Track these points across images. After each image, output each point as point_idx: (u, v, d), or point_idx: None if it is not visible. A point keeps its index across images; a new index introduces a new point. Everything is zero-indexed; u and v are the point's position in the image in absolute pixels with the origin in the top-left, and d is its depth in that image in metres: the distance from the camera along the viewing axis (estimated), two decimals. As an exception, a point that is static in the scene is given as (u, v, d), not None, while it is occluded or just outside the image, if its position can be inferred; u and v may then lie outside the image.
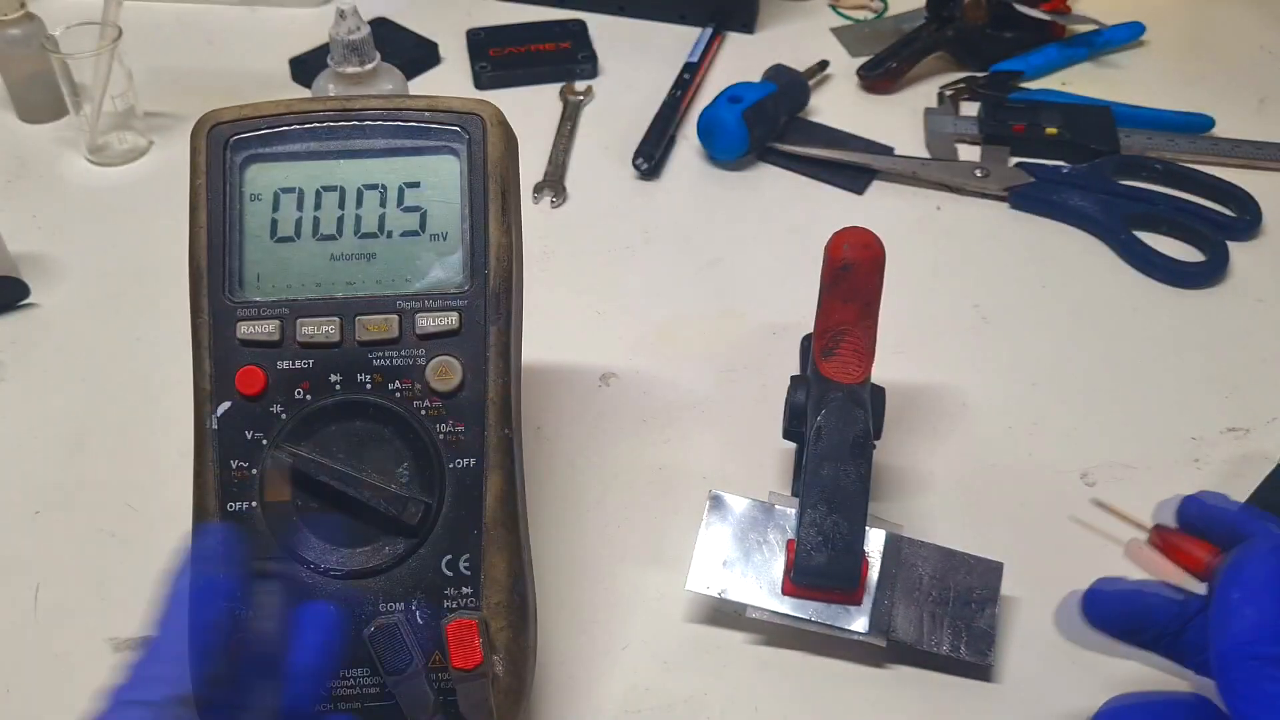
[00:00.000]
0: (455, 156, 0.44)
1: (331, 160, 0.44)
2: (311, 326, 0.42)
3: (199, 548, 0.39)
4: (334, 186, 0.44)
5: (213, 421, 0.41)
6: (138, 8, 0.87)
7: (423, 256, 0.43)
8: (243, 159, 0.44)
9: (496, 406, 0.42)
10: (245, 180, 0.44)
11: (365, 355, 0.42)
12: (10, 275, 0.66)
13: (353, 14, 0.68)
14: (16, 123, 0.80)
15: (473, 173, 0.44)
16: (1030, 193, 0.74)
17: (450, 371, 0.42)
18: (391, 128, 0.44)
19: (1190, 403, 0.61)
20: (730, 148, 0.75)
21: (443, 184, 0.44)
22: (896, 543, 0.50)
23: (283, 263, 0.43)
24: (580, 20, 0.89)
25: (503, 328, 0.42)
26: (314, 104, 0.45)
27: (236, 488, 0.41)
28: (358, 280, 0.43)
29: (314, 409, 0.41)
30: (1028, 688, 0.49)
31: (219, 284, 0.42)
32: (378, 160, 0.44)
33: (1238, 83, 0.86)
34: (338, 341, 0.42)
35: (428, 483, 0.41)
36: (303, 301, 0.42)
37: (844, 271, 0.49)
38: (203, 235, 0.43)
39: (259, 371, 0.41)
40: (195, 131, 0.44)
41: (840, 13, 0.93)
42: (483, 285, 0.42)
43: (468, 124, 0.44)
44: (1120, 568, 0.46)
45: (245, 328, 0.42)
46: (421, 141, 0.44)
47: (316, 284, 0.43)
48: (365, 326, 0.42)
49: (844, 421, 0.49)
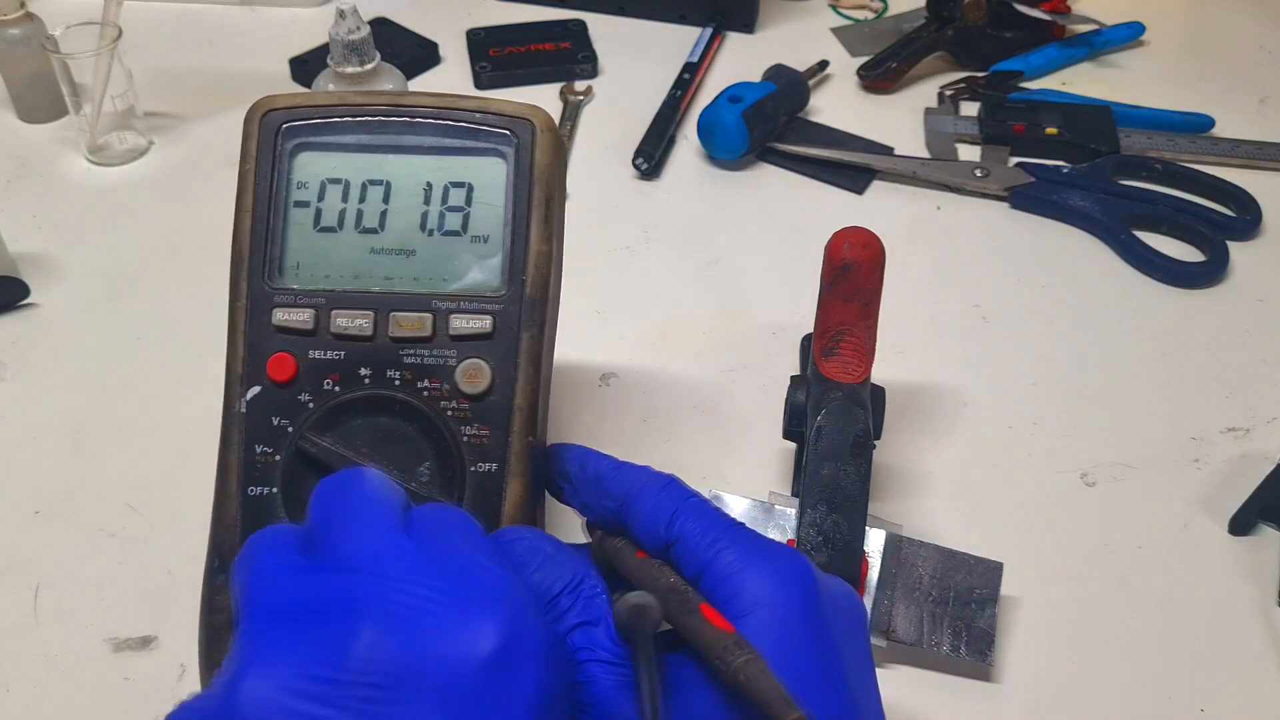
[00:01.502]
0: (503, 160, 0.44)
1: (380, 154, 0.44)
2: (346, 318, 0.42)
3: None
4: (380, 181, 0.44)
5: (241, 405, 0.41)
6: (138, 8, 0.87)
7: (462, 257, 0.43)
8: (293, 146, 0.44)
9: (523, 414, 0.41)
10: (294, 168, 0.44)
11: (396, 351, 0.42)
12: (10, 275, 0.66)
13: (353, 14, 0.68)
14: (16, 123, 0.80)
15: (519, 177, 0.43)
16: (1030, 193, 0.74)
17: (480, 375, 0.41)
18: (442, 127, 0.44)
19: (1190, 403, 0.61)
20: (730, 147, 0.75)
21: (488, 186, 0.43)
22: (896, 543, 0.50)
23: (323, 253, 0.43)
24: (580, 20, 0.89)
25: (536, 335, 0.42)
26: (367, 98, 0.44)
27: (259, 472, 0.41)
28: (395, 276, 0.43)
29: (341, 401, 0.41)
30: (1028, 688, 0.49)
31: (259, 269, 0.42)
32: (425, 158, 0.44)
33: (1238, 83, 0.86)
34: (370, 335, 0.42)
35: (448, 484, 0.41)
36: (339, 293, 0.42)
37: (844, 271, 0.49)
38: (248, 219, 0.43)
39: (290, 359, 0.41)
40: (249, 117, 0.44)
41: (840, 13, 0.93)
42: (519, 291, 0.42)
43: (518, 128, 0.44)
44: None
45: (281, 314, 0.42)
46: (470, 142, 0.44)
47: (354, 276, 0.43)
48: (399, 323, 0.42)
49: (844, 421, 0.49)
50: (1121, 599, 0.52)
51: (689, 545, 0.37)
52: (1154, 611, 0.51)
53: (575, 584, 0.36)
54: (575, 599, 0.36)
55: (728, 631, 0.32)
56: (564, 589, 0.36)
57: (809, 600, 0.35)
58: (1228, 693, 0.48)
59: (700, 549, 0.36)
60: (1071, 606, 0.52)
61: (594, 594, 0.36)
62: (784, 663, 0.33)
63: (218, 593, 0.40)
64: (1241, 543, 0.54)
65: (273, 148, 0.43)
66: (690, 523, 0.37)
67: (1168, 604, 0.52)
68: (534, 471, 0.42)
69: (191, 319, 0.64)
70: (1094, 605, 0.52)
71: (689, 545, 0.37)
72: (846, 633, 0.36)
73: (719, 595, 0.35)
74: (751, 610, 0.34)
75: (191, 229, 0.71)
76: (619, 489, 0.40)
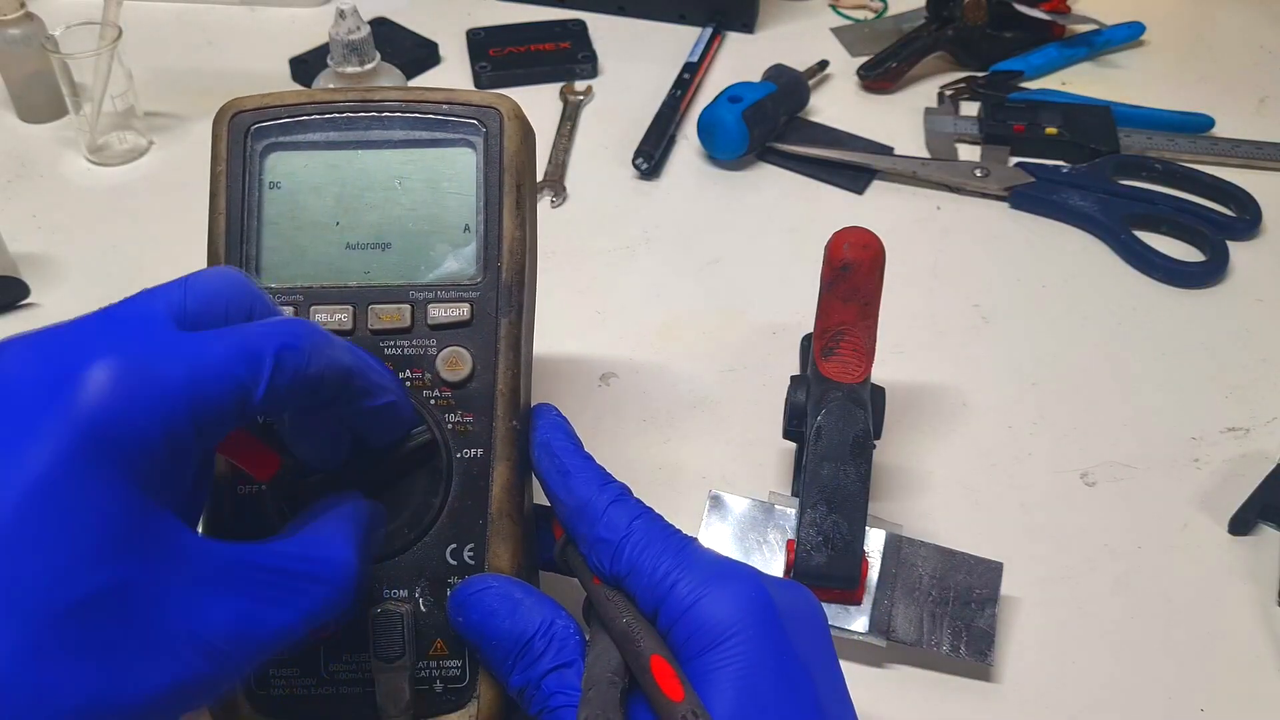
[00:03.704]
0: (472, 149, 0.44)
1: (350, 150, 0.44)
2: (325, 314, 0.42)
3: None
4: (352, 176, 0.44)
5: None
6: (138, 8, 0.87)
7: (437, 248, 0.44)
8: (263, 147, 0.44)
9: (505, 398, 0.42)
10: (265, 168, 0.44)
11: (377, 344, 0.42)
12: (10, 275, 0.66)
13: (353, 14, 0.68)
14: (16, 123, 0.80)
15: (489, 166, 0.44)
16: (1030, 193, 0.74)
17: (460, 362, 0.42)
18: (410, 120, 0.44)
19: (1190, 403, 0.61)
20: (730, 147, 0.75)
21: (459, 176, 0.44)
22: (896, 543, 0.50)
23: (299, 250, 0.43)
24: (580, 20, 0.89)
25: (514, 320, 0.43)
26: (334, 95, 0.45)
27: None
28: (372, 269, 0.43)
29: None
30: (1028, 688, 0.49)
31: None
32: (395, 151, 0.44)
33: (1238, 83, 0.86)
34: (350, 329, 0.42)
35: (434, 472, 0.41)
36: (317, 289, 0.43)
37: (844, 271, 0.49)
38: (221, 222, 0.43)
39: None
40: (217, 119, 0.44)
41: (840, 13, 0.93)
42: (495, 278, 0.43)
43: (485, 117, 0.44)
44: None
45: None
46: (439, 134, 0.44)
47: (331, 272, 0.43)
48: (378, 315, 0.42)
49: (844, 421, 0.49)
50: (1121, 599, 0.52)
51: (641, 580, 0.37)
52: (1154, 611, 0.51)
53: (546, 626, 0.36)
54: (548, 642, 0.36)
55: (676, 702, 0.32)
56: (536, 633, 0.36)
57: (768, 623, 0.34)
58: (1228, 693, 0.48)
59: (653, 584, 0.36)
60: (1071, 606, 0.52)
61: (567, 636, 0.36)
62: (751, 697, 0.33)
63: None
64: (1241, 543, 0.54)
65: (243, 149, 0.44)
66: (640, 554, 0.37)
67: (1168, 604, 0.52)
68: (520, 455, 0.42)
69: (191, 319, 0.64)
70: (1094, 605, 0.52)
71: (641, 580, 0.37)
72: (810, 642, 0.36)
73: (678, 635, 0.35)
74: (712, 647, 0.34)
75: (191, 229, 0.71)
76: (569, 501, 0.40)
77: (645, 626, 0.36)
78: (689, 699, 0.33)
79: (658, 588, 0.36)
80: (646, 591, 0.36)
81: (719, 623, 0.34)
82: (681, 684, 0.33)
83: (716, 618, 0.34)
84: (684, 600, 0.35)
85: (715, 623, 0.34)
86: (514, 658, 0.37)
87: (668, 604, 0.35)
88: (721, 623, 0.34)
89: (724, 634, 0.34)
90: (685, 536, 0.38)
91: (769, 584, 0.36)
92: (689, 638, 0.34)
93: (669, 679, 0.33)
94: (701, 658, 0.34)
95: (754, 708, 0.33)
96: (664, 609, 0.36)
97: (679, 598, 0.35)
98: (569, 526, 0.40)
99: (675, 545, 0.37)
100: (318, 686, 0.40)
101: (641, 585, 0.36)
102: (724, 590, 0.35)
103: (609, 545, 0.38)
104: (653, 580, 0.36)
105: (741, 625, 0.34)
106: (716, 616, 0.34)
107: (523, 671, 0.36)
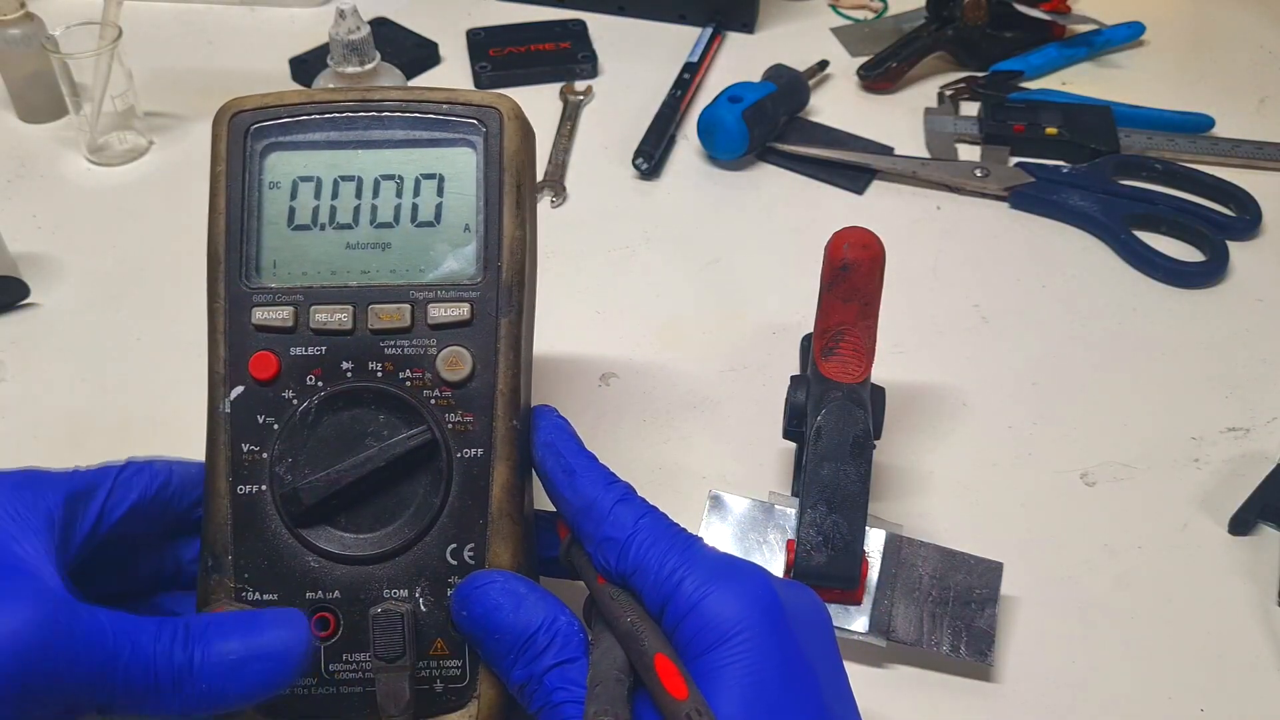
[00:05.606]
0: (472, 149, 0.44)
1: (350, 150, 0.44)
2: (325, 314, 0.42)
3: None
4: (351, 176, 0.44)
5: (225, 405, 0.42)
6: (138, 8, 0.87)
7: (437, 247, 0.43)
8: (263, 147, 0.44)
9: (505, 398, 0.42)
10: (264, 168, 0.44)
11: (377, 343, 0.42)
12: (10, 275, 0.66)
13: (353, 14, 0.69)
14: (16, 123, 0.80)
15: (489, 165, 0.44)
16: (1030, 193, 0.74)
17: (460, 362, 0.42)
18: (410, 119, 0.44)
19: (1190, 403, 0.61)
20: (730, 147, 0.75)
21: (459, 176, 0.44)
22: (896, 543, 0.50)
23: (299, 250, 0.43)
24: (580, 20, 0.89)
25: (514, 320, 0.43)
26: (334, 94, 0.45)
27: (247, 471, 0.41)
28: (372, 269, 0.43)
29: (324, 396, 0.41)
30: (1028, 688, 0.49)
31: (235, 270, 0.43)
32: (395, 151, 0.44)
33: (1238, 83, 0.86)
34: (350, 329, 0.42)
35: (435, 473, 0.41)
36: (317, 289, 0.43)
37: (844, 271, 0.49)
38: (221, 221, 0.43)
39: (272, 357, 0.42)
40: (216, 119, 0.44)
41: (840, 13, 0.93)
42: (495, 277, 0.43)
43: (485, 117, 0.44)
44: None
45: (260, 313, 0.42)
46: (439, 134, 0.44)
47: (331, 272, 0.43)
48: (378, 315, 0.42)
49: (844, 421, 0.49)
50: (1121, 599, 0.52)
51: (648, 577, 0.37)
52: (1154, 611, 0.51)
53: (550, 622, 0.36)
54: (551, 637, 0.36)
55: (681, 701, 0.32)
56: (540, 628, 0.36)
57: (774, 622, 0.34)
58: (1228, 693, 0.48)
59: (659, 581, 0.36)
60: (1071, 606, 0.52)
61: (570, 632, 0.36)
62: (756, 696, 0.33)
63: (212, 590, 0.40)
64: (1241, 543, 0.54)
65: (243, 149, 0.44)
66: (646, 551, 0.37)
67: (1168, 604, 0.52)
68: (520, 455, 0.42)
69: (191, 319, 0.63)
70: (1094, 605, 0.52)
71: (648, 577, 0.37)
72: (815, 644, 0.36)
73: (684, 632, 0.35)
74: (718, 644, 0.34)
75: (191, 229, 0.70)
76: (574, 501, 0.40)
77: (650, 626, 0.36)
78: (693, 697, 0.33)
79: (664, 585, 0.36)
80: (653, 589, 0.36)
81: (725, 620, 0.34)
82: (686, 682, 0.33)
83: (723, 615, 0.34)
84: (690, 597, 0.35)
85: (721, 620, 0.34)
86: (516, 652, 0.36)
87: (674, 601, 0.36)
88: (727, 620, 0.34)
89: (730, 631, 0.34)
90: (691, 535, 0.38)
91: (776, 583, 0.36)
92: (695, 635, 0.34)
93: (673, 677, 0.33)
94: (707, 655, 0.34)
95: (759, 706, 0.33)
96: (670, 606, 0.36)
97: (685, 594, 0.35)
98: (575, 526, 0.40)
99: (682, 543, 0.37)
100: (318, 686, 0.40)
101: (648, 583, 0.36)
102: (730, 588, 0.35)
103: (615, 543, 0.38)
104: (659, 578, 0.36)
105: (747, 623, 0.34)
106: (723, 614, 0.34)
107: (525, 666, 0.36)
